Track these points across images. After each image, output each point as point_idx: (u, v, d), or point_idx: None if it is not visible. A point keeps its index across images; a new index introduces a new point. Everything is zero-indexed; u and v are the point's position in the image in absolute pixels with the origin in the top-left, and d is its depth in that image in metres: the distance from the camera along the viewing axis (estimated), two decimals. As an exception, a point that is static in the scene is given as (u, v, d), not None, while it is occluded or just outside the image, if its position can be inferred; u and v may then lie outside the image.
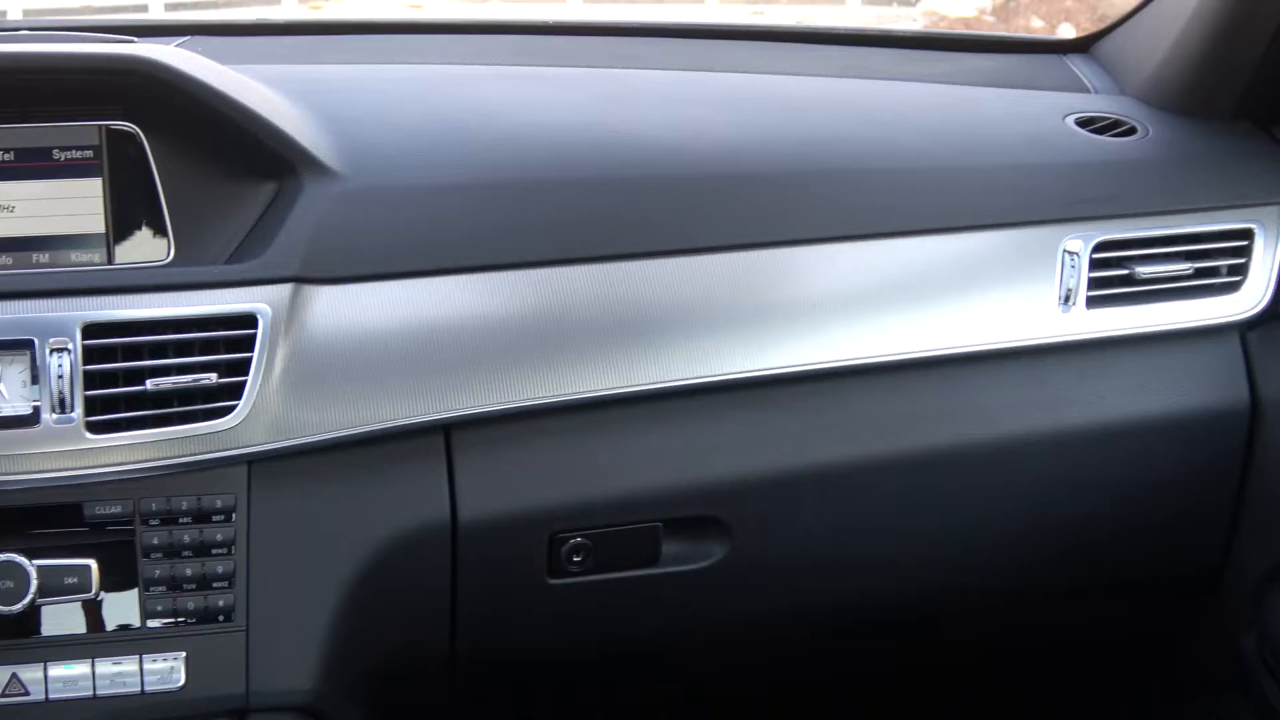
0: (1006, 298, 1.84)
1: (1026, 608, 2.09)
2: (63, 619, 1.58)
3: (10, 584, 1.53)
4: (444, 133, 1.80)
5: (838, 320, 1.78)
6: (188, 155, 1.64)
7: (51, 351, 1.51)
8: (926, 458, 1.85)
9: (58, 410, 1.51)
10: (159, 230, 1.63)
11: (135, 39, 1.77)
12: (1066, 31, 4.20)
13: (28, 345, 1.51)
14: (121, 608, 1.59)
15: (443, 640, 1.78)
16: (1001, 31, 4.86)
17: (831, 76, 2.17)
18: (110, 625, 1.59)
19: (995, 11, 4.99)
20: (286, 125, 1.65)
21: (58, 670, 1.57)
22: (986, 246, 1.84)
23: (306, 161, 1.65)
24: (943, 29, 4.45)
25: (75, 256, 1.62)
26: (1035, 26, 4.88)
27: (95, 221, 1.63)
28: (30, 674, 1.57)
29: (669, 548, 1.81)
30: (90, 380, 1.52)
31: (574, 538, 1.77)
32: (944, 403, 1.85)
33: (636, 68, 2.11)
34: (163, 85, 1.58)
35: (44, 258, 1.62)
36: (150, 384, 1.53)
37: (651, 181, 1.79)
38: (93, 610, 1.58)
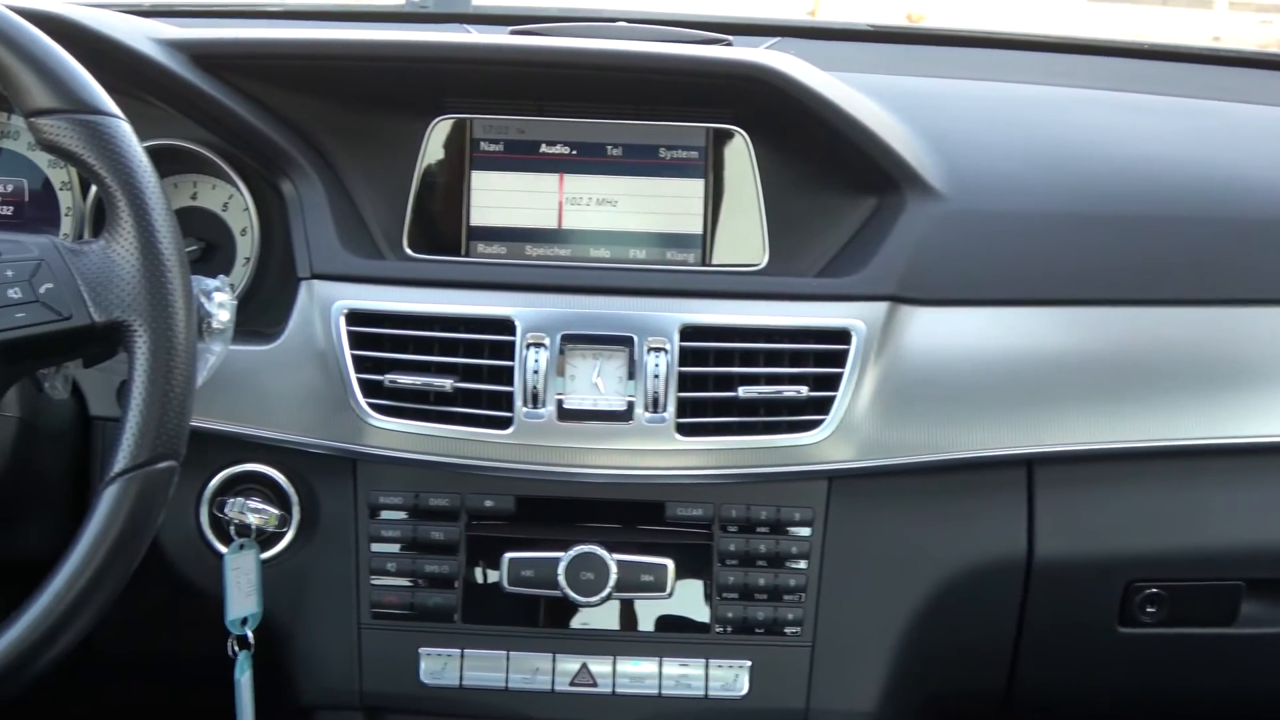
0: None
1: None
2: (634, 616, 1.67)
3: (590, 576, 1.61)
4: (1043, 158, 1.78)
5: None
6: (791, 163, 1.69)
7: (650, 350, 1.58)
8: None
9: (651, 409, 1.57)
10: (755, 236, 1.68)
11: (729, 38, 1.83)
12: None
13: (627, 342, 1.58)
14: (693, 610, 1.66)
15: (1000, 678, 1.77)
16: None
17: None
18: (680, 627, 1.66)
19: None
20: (893, 140, 1.67)
21: (626, 665, 1.66)
22: None
23: (910, 179, 1.66)
24: None
25: (671, 255, 1.69)
26: None
27: (694, 222, 1.69)
28: (600, 666, 1.66)
29: (1249, 608, 1.75)
30: (683, 382, 1.58)
31: (1150, 588, 1.73)
32: None
33: (1225, 100, 2.02)
34: (777, 93, 1.62)
35: (640, 254, 1.69)
36: (741, 391, 1.57)
37: (1260, 225, 1.72)
38: (665, 610, 1.66)
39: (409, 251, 1.68)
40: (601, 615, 1.66)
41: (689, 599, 1.66)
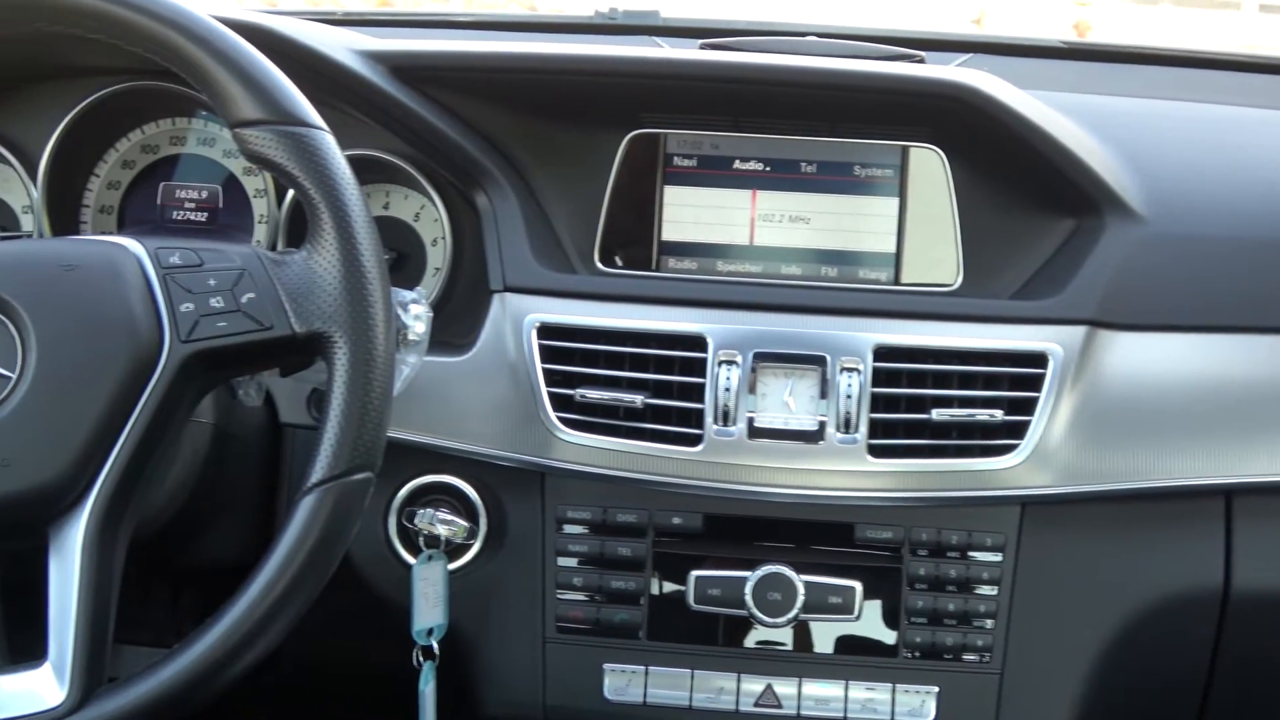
0: None
1: None
2: (821, 637, 1.67)
3: (778, 596, 1.61)
4: (1243, 182, 1.75)
5: None
6: (988, 184, 1.68)
7: (842, 370, 1.57)
8: None
9: (843, 430, 1.57)
10: (949, 256, 1.68)
11: (921, 54, 1.82)
12: None
13: (820, 361, 1.58)
14: (880, 634, 1.66)
15: (1190, 713, 1.75)
16: None
17: None
18: (866, 650, 1.66)
19: None
20: (1093, 161, 1.65)
21: (812, 688, 1.66)
22: None
23: (1111, 201, 1.64)
24: None
25: (863, 274, 1.69)
26: None
27: (887, 240, 1.69)
28: (785, 688, 1.66)
29: None
30: (875, 403, 1.58)
31: None
32: None
33: None
34: (977, 112, 1.62)
35: (832, 272, 1.69)
36: (935, 413, 1.57)
37: None
38: (851, 633, 1.66)
39: (600, 266, 1.70)
40: (783, 635, 1.67)
41: (875, 622, 1.65)
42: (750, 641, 1.67)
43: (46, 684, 1.24)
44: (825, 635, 1.66)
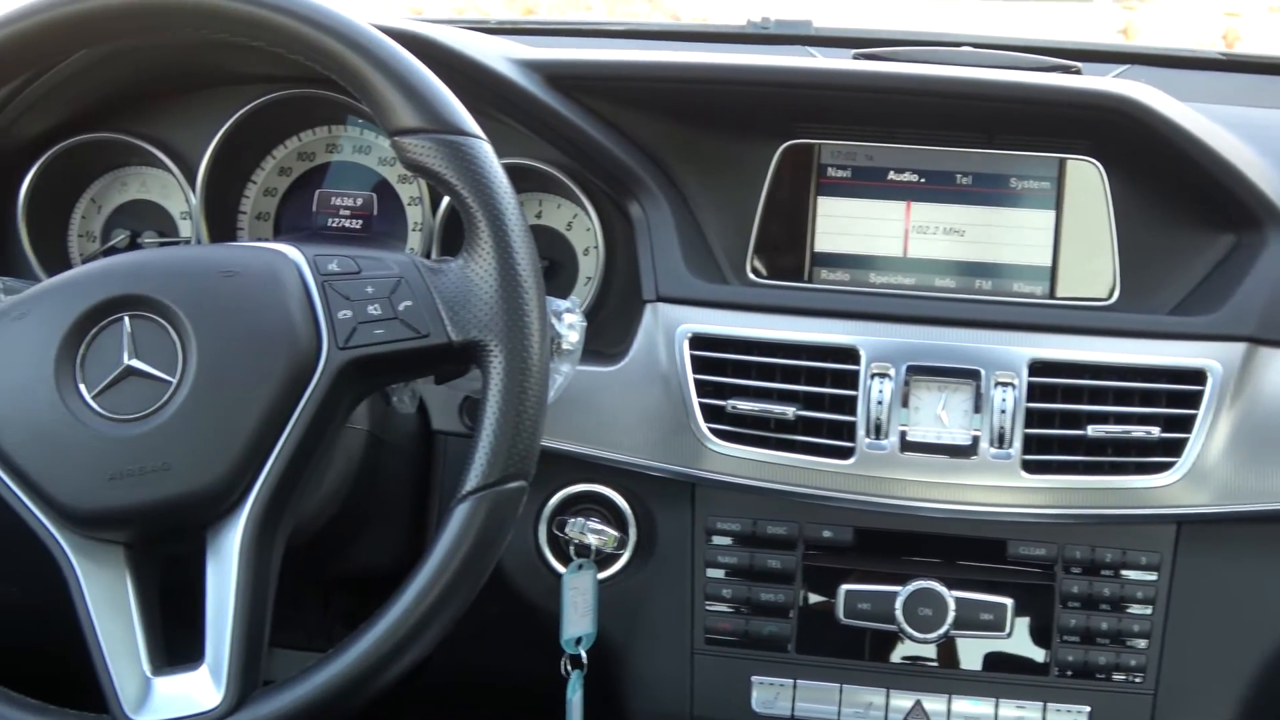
0: None
1: None
2: (968, 654, 1.67)
3: (928, 612, 1.61)
4: None
5: None
6: (1147, 197, 1.67)
7: (997, 384, 1.57)
8: None
9: (996, 444, 1.57)
10: (1105, 270, 1.67)
11: (1077, 64, 1.80)
12: None
13: (974, 375, 1.58)
14: (1031, 652, 1.65)
15: None
16: None
17: None
18: (1017, 667, 1.66)
19: None
20: (1255, 175, 1.63)
21: (962, 705, 1.66)
22: None
23: (1273, 215, 1.62)
24: None
25: (1017, 287, 1.68)
26: None
27: (1042, 254, 1.69)
28: (934, 704, 1.66)
29: None
30: (1029, 418, 1.58)
31: None
32: None
33: None
34: (1138, 124, 1.61)
35: (986, 285, 1.69)
36: (1090, 429, 1.56)
37: None
38: (1000, 650, 1.65)
39: (752, 276, 1.70)
40: (929, 651, 1.67)
41: (1026, 639, 1.65)
42: (896, 656, 1.67)
43: (203, 686, 1.27)
44: (973, 652, 1.66)
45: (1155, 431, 1.56)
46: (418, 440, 1.70)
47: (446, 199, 1.73)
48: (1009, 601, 1.62)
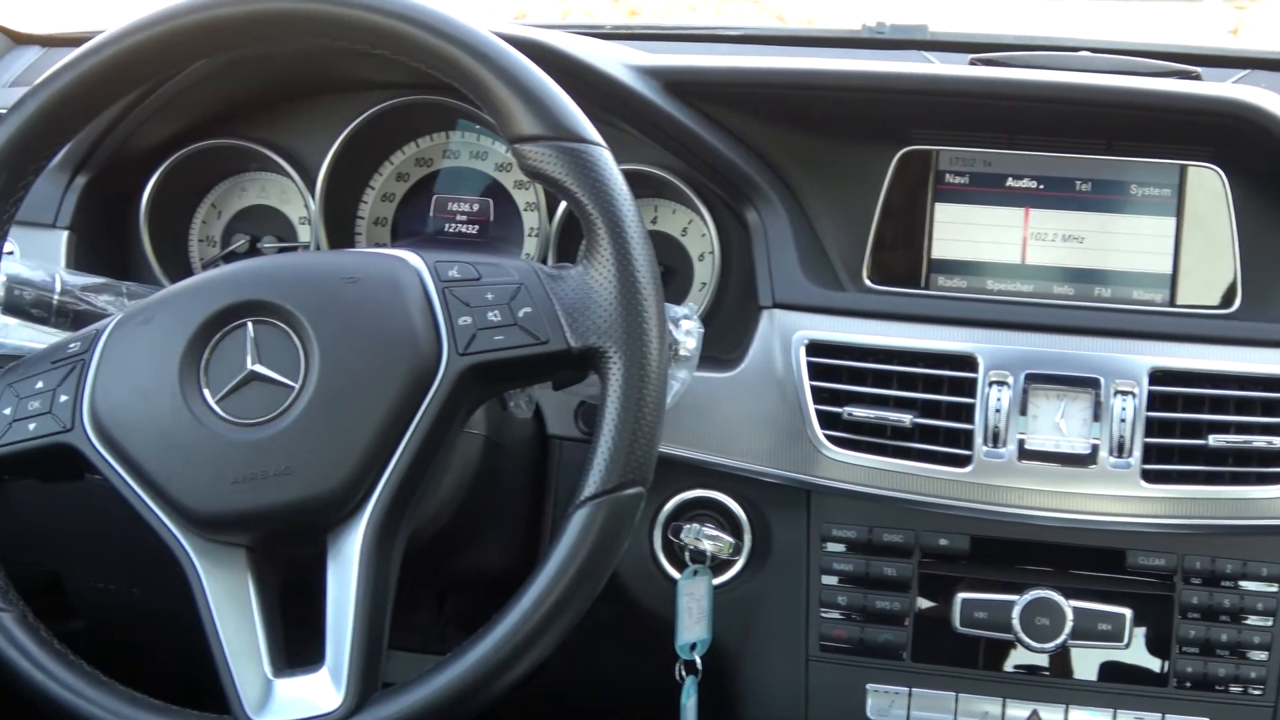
0: None
1: None
2: (1083, 664, 1.66)
3: (1046, 621, 1.61)
4: None
5: None
6: (1269, 204, 1.65)
7: (1116, 393, 1.56)
8: None
9: (1116, 453, 1.56)
10: (1227, 278, 1.65)
11: (1197, 69, 1.79)
12: None
13: (1093, 384, 1.58)
14: (1148, 662, 1.65)
15: None
16: None
17: None
18: (1134, 678, 1.65)
19: None
20: None
21: (1079, 715, 1.66)
22: None
23: None
24: None
25: (1137, 295, 1.68)
26: None
27: (1162, 261, 1.68)
28: (1051, 714, 1.66)
29: None
30: (1149, 427, 1.57)
31: None
32: None
33: None
34: (1261, 131, 1.59)
35: (1105, 292, 1.68)
36: (1211, 439, 1.55)
37: None
38: (1118, 660, 1.64)
39: (869, 283, 1.71)
40: (1043, 660, 1.66)
41: (1143, 650, 1.64)
42: (1010, 665, 1.67)
43: (323, 688, 1.28)
44: (1088, 662, 1.65)
45: (1277, 441, 1.55)
46: (534, 445, 1.71)
47: (563, 204, 1.75)
48: (1127, 611, 1.62)
